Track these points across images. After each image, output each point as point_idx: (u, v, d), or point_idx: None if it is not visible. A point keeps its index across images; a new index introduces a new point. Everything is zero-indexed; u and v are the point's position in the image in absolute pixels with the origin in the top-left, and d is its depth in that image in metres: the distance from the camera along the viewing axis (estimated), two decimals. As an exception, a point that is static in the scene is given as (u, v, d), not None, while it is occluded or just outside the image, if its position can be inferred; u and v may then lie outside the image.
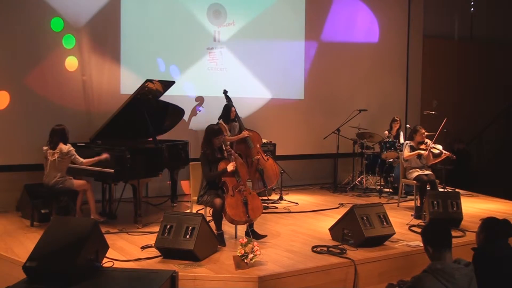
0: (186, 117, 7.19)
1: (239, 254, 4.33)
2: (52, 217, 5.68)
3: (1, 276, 4.64)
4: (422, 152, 6.81)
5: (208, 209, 5.67)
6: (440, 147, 6.92)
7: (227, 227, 5.43)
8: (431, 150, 6.83)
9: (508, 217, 3.74)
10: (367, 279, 4.66)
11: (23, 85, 6.95)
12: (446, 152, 6.86)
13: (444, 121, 6.98)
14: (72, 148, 5.83)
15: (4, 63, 6.83)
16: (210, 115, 8.12)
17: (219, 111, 7.47)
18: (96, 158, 5.82)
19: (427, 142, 6.91)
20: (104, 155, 5.80)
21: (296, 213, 6.84)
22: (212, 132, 5.38)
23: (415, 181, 6.89)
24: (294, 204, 7.44)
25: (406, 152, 6.92)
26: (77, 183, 5.92)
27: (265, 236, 5.43)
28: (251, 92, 8.69)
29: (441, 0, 11.31)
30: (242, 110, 7.77)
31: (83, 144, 6.46)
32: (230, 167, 5.23)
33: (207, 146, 5.35)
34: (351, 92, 9.68)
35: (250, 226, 5.30)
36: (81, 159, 5.81)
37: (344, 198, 7.95)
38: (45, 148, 5.87)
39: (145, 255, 4.71)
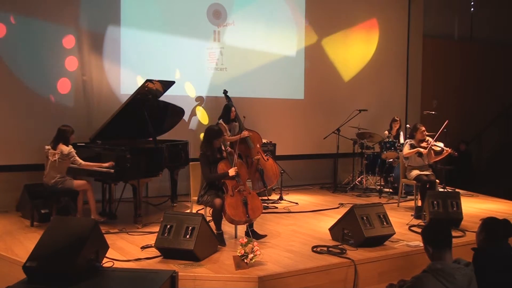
0: (186, 117, 7.19)
1: (239, 254, 4.33)
2: (52, 217, 5.68)
3: (1, 276, 4.64)
4: (422, 150, 6.80)
5: (208, 209, 5.67)
6: (441, 144, 6.90)
7: (227, 227, 5.43)
8: (432, 147, 6.83)
9: (508, 217, 3.74)
10: (367, 279, 4.66)
11: (23, 85, 6.94)
12: (448, 149, 6.85)
13: (446, 123, 6.97)
14: (72, 150, 5.83)
15: (4, 63, 6.83)
16: (210, 115, 8.13)
17: (219, 111, 7.47)
18: (98, 164, 5.82)
19: (428, 140, 6.91)
20: (108, 163, 5.78)
21: (296, 213, 6.84)
22: (213, 133, 5.38)
23: (415, 181, 6.89)
24: (294, 204, 7.44)
25: (406, 150, 6.92)
26: (77, 183, 5.92)
27: (265, 236, 5.43)
28: (251, 92, 8.69)
29: (441, 0, 11.31)
30: (242, 110, 7.76)
31: (83, 144, 6.46)
32: (232, 172, 5.21)
33: (207, 147, 5.35)
34: (351, 92, 9.68)
35: (250, 226, 5.30)
36: (80, 161, 5.81)
37: (344, 198, 7.95)
38: (47, 147, 5.88)
39: (145, 255, 4.71)
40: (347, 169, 9.23)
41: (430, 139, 6.93)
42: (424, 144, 6.86)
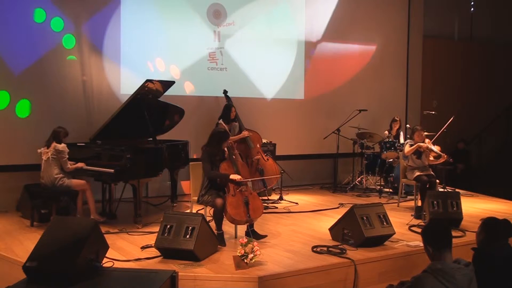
0: (186, 117, 7.19)
1: (239, 254, 4.33)
2: (52, 217, 5.68)
3: (1, 276, 4.64)
4: (422, 144, 6.77)
5: (208, 209, 5.67)
6: (436, 149, 6.86)
7: (227, 227, 5.43)
8: (429, 154, 6.80)
9: (508, 217, 3.74)
10: (367, 279, 4.66)
11: (23, 85, 6.95)
12: (443, 154, 6.82)
13: (451, 119, 6.93)
14: (66, 149, 5.87)
15: (4, 63, 6.83)
16: (210, 115, 8.12)
17: (219, 111, 7.47)
18: (77, 165, 5.96)
19: (426, 142, 6.90)
20: (80, 164, 5.96)
21: (296, 213, 6.84)
22: (221, 135, 5.39)
23: (415, 181, 6.90)
24: (294, 204, 7.44)
25: (407, 148, 6.92)
26: (76, 182, 5.93)
27: (265, 236, 5.43)
28: (251, 92, 8.68)
29: (441, 0, 11.31)
30: (242, 110, 7.77)
31: (83, 144, 6.46)
32: (236, 177, 5.20)
33: (215, 148, 5.34)
34: (351, 92, 9.67)
35: (250, 226, 5.30)
36: (68, 165, 5.88)
37: (344, 198, 7.95)
38: (39, 151, 5.94)
39: (145, 255, 4.71)
40: (347, 169, 9.23)
41: (428, 141, 6.92)
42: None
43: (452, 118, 6.96)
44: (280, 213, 6.84)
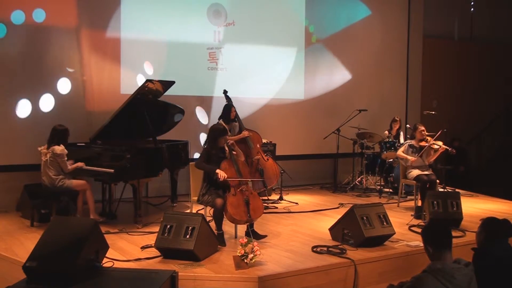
0: (186, 117, 7.20)
1: (239, 254, 4.33)
2: (52, 217, 5.68)
3: (1, 276, 4.64)
4: (410, 158, 6.83)
5: (208, 209, 5.67)
6: (440, 143, 6.91)
7: (227, 227, 5.43)
8: (431, 146, 6.85)
9: (508, 217, 3.74)
10: (367, 279, 4.66)
11: (23, 85, 6.95)
12: (444, 146, 6.85)
13: (440, 132, 7.01)
14: (65, 151, 5.84)
15: (4, 63, 6.84)
16: (210, 115, 8.13)
17: (219, 111, 7.46)
18: (77, 164, 5.96)
19: (427, 139, 6.93)
20: (80, 164, 5.95)
21: (296, 213, 6.84)
22: (218, 131, 5.41)
23: (415, 181, 6.90)
24: (294, 204, 7.44)
25: (400, 151, 7.01)
26: (77, 182, 5.92)
27: (265, 236, 5.43)
28: (251, 92, 8.68)
29: (441, 0, 11.31)
30: (242, 110, 7.76)
31: (83, 144, 6.46)
32: (222, 174, 5.19)
33: (211, 145, 5.38)
34: (351, 92, 9.67)
35: (251, 226, 5.30)
36: (68, 166, 5.87)
37: (344, 198, 7.95)
38: (39, 148, 5.91)
39: (145, 255, 4.71)
40: (347, 169, 9.22)
41: (430, 138, 6.94)
42: (423, 144, 6.89)
43: (440, 131, 7.02)
44: (280, 213, 6.84)
